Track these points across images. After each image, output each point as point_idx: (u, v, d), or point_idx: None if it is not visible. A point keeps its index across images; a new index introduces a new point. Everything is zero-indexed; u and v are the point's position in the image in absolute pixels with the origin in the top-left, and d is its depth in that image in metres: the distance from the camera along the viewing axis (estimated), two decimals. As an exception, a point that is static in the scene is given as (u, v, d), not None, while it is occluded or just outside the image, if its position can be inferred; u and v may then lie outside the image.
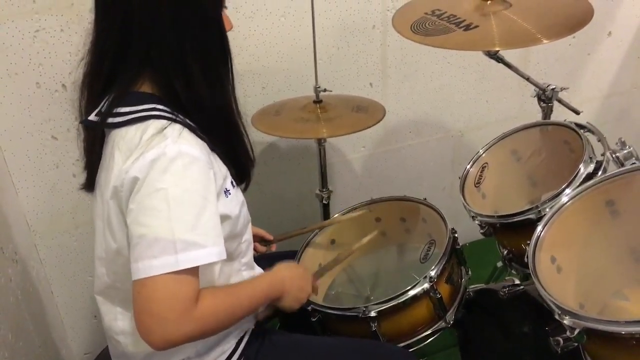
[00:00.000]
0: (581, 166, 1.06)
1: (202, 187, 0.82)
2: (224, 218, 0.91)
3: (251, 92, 1.62)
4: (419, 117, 1.87)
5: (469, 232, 1.41)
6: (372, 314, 1.10)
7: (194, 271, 0.80)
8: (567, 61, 1.99)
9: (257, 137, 1.45)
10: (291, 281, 1.02)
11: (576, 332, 0.83)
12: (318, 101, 1.45)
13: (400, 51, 1.73)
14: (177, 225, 0.78)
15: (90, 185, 0.98)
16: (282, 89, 1.64)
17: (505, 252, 1.21)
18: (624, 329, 0.79)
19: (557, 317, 0.85)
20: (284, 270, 1.04)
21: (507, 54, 1.33)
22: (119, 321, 0.97)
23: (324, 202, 1.57)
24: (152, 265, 0.77)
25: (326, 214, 1.58)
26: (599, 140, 1.13)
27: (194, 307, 0.79)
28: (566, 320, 0.84)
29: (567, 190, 1.04)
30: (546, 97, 1.34)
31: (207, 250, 0.80)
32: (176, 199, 0.79)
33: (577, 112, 1.41)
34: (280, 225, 1.45)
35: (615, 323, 0.80)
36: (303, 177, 1.76)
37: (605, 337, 0.84)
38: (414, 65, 1.77)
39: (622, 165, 1.05)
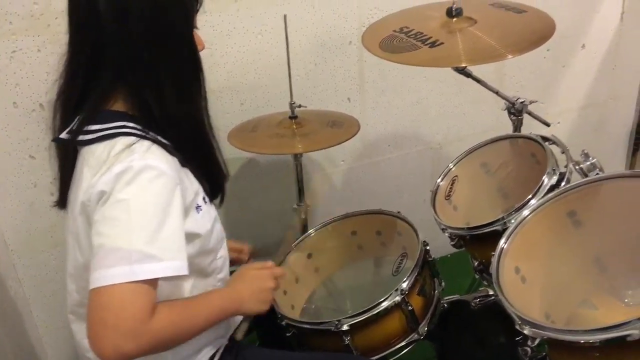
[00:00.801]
0: (545, 177, 1.08)
1: (166, 201, 0.83)
2: (194, 235, 0.92)
3: (230, 109, 1.63)
4: (398, 130, 1.89)
5: (450, 243, 1.43)
6: (345, 327, 1.10)
7: (152, 283, 0.80)
8: (543, 73, 2.02)
9: (236, 153, 1.46)
10: (247, 286, 1.01)
11: (537, 341, 0.84)
12: (293, 117, 1.46)
13: (377, 66, 1.75)
14: (135, 236, 0.78)
15: (63, 202, 0.99)
16: (260, 105, 1.66)
17: (476, 263, 1.22)
18: (582, 338, 0.79)
19: (517, 327, 0.86)
20: (236, 279, 1.03)
21: (484, 68, 1.34)
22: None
23: (303, 216, 1.58)
24: (107, 274, 0.77)
25: (304, 228, 1.59)
26: (562, 152, 1.15)
27: (149, 320, 0.78)
28: (526, 330, 0.84)
29: (532, 202, 1.06)
30: (516, 110, 1.37)
31: (164, 264, 0.80)
32: (137, 211, 0.79)
33: (547, 124, 1.44)
34: (260, 240, 1.46)
35: (574, 332, 0.81)
36: (282, 192, 1.78)
37: (568, 347, 0.84)
38: (391, 79, 1.79)
39: (586, 176, 1.07)
